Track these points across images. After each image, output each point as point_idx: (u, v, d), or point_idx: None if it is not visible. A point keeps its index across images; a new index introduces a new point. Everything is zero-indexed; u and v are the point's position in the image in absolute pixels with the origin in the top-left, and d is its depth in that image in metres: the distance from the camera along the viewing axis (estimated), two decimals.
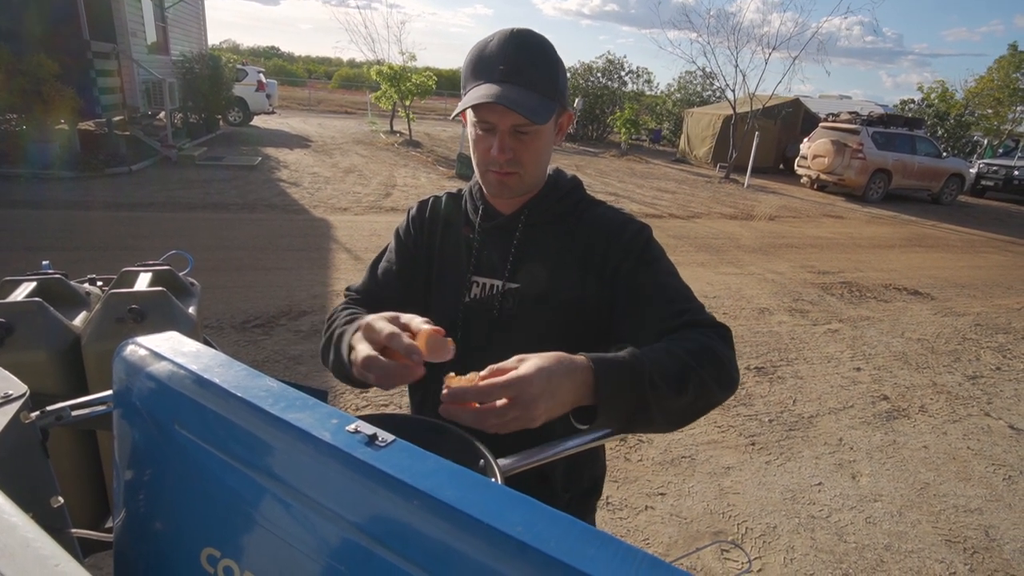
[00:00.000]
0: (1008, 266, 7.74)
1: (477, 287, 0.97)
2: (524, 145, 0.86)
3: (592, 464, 1.07)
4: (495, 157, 0.86)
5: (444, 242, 1.02)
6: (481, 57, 0.84)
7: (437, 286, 1.01)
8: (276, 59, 54.85)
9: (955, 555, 2.31)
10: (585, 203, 0.99)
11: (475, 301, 0.97)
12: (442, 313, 0.98)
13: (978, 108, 20.64)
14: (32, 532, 0.30)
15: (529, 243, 0.96)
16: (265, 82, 15.23)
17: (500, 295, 0.95)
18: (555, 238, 0.96)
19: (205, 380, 0.47)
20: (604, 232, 0.94)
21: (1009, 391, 3.86)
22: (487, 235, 0.98)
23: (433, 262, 1.02)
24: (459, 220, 1.03)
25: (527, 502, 0.36)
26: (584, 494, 1.06)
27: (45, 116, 7.37)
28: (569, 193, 0.99)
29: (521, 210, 0.96)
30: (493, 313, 0.95)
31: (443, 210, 1.05)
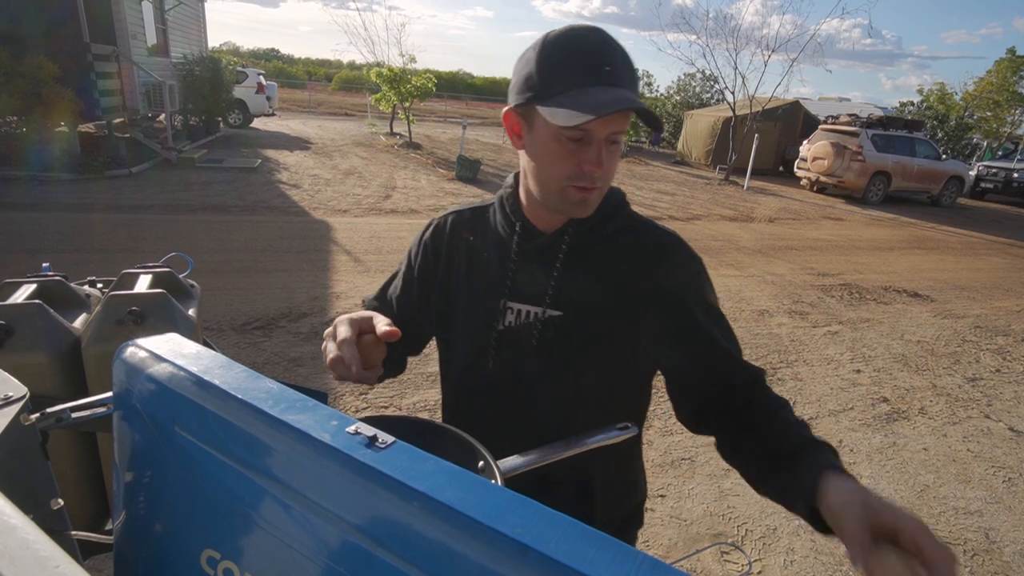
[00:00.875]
0: (1008, 268, 7.74)
1: (512, 313, 0.87)
2: (613, 156, 0.77)
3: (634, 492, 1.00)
4: (589, 171, 0.75)
5: (471, 264, 0.92)
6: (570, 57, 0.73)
7: (464, 312, 0.92)
8: (276, 61, 54.97)
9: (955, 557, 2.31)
10: (632, 221, 0.89)
11: (510, 329, 0.87)
12: (471, 341, 0.90)
13: (977, 111, 20.69)
14: (32, 534, 0.30)
15: (573, 267, 0.85)
16: (265, 84, 15.25)
17: (540, 324, 0.85)
18: (602, 261, 0.85)
19: (205, 382, 0.47)
20: (657, 259, 0.85)
21: (1009, 393, 3.86)
22: (525, 256, 0.87)
23: (458, 287, 0.92)
24: (488, 238, 0.92)
25: (527, 504, 0.36)
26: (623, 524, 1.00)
27: (45, 118, 7.38)
28: (616, 209, 0.88)
29: (564, 228, 0.85)
30: (532, 343, 0.85)
31: (469, 227, 0.94)
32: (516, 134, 0.82)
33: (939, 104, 20.85)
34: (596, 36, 0.74)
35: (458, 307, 0.93)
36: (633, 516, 1.01)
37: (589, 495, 0.92)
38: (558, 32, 0.75)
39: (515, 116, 0.80)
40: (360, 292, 4.47)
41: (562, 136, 0.74)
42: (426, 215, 7.47)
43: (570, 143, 0.75)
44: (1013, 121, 20.77)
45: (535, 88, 0.75)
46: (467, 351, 0.92)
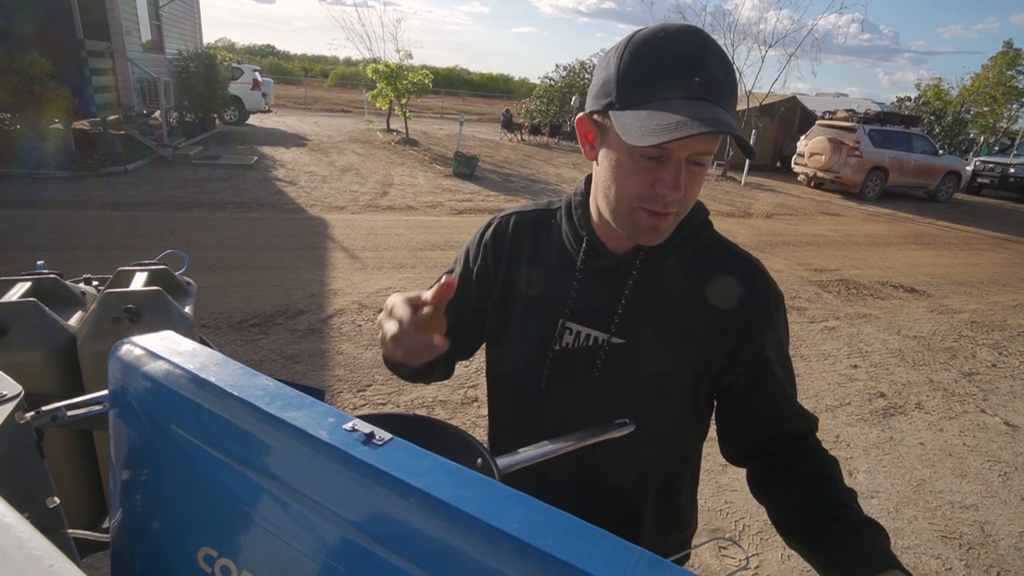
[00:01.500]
0: (1004, 263, 7.77)
1: (571, 335, 0.80)
2: (694, 178, 0.68)
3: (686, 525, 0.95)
4: (663, 193, 0.66)
5: (532, 273, 0.85)
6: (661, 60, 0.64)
7: (519, 324, 0.85)
8: (272, 57, 54.74)
9: (951, 551, 2.32)
10: (715, 246, 0.80)
11: (567, 351, 0.81)
12: (523, 357, 0.84)
13: (974, 106, 20.73)
14: (26, 532, 0.29)
15: (644, 293, 0.78)
16: (261, 80, 15.17)
17: (604, 351, 0.78)
18: (677, 290, 0.78)
19: (201, 379, 0.46)
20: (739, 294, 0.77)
21: (1005, 388, 3.88)
22: (590, 275, 0.80)
23: (516, 294, 0.86)
24: (552, 247, 0.84)
25: (525, 500, 0.36)
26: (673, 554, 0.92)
27: (39, 115, 7.33)
28: (698, 230, 0.79)
29: (636, 251, 0.77)
30: (593, 372, 0.79)
31: (531, 230, 0.87)
32: (589, 143, 0.74)
33: (936, 99, 20.89)
34: (692, 39, 0.63)
35: (514, 317, 0.86)
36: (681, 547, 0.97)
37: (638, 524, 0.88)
38: (648, 32, 0.66)
39: (589, 123, 0.73)
40: (358, 289, 4.46)
41: (636, 152, 0.66)
42: (423, 211, 7.46)
43: (645, 161, 0.67)
44: (1010, 116, 20.83)
45: (612, 95, 0.66)
46: (519, 367, 0.86)
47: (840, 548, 0.68)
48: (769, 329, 0.78)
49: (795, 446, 0.81)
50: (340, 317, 3.93)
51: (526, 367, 0.84)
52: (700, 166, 0.68)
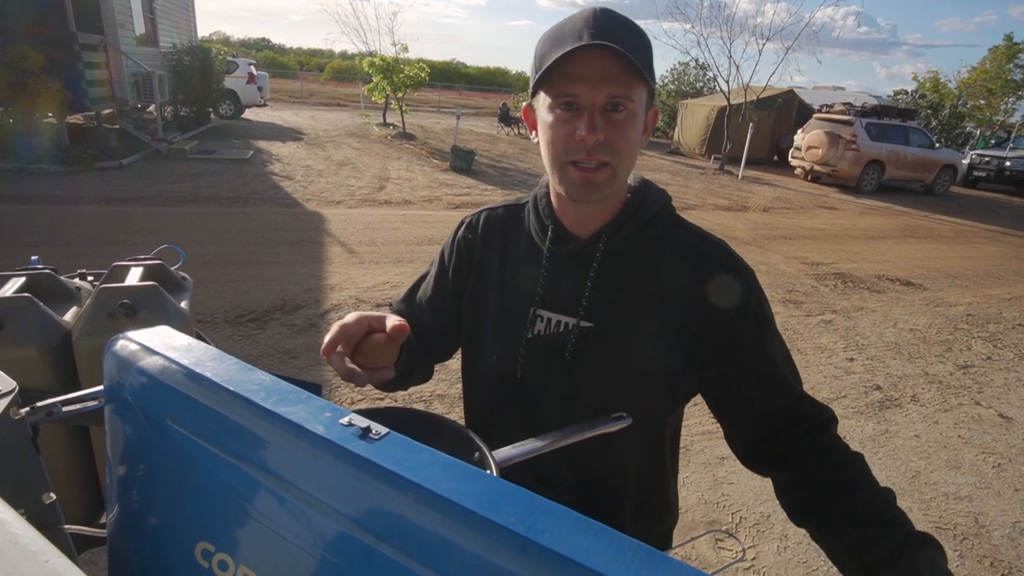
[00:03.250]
0: (1000, 256, 7.80)
1: (542, 322, 0.82)
2: (617, 129, 0.70)
3: (666, 514, 0.95)
4: (581, 140, 0.69)
5: (504, 266, 0.87)
6: (561, 30, 0.70)
7: (494, 317, 0.87)
8: (267, 51, 54.35)
9: (945, 541, 2.34)
10: (677, 228, 0.82)
11: (539, 338, 0.82)
12: (498, 347, 0.86)
13: (971, 99, 20.73)
14: (21, 528, 0.29)
15: (609, 277, 0.79)
16: (256, 74, 15.07)
17: (574, 336, 0.80)
18: (641, 272, 0.79)
19: (197, 374, 0.46)
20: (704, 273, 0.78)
21: (999, 380, 3.90)
22: (557, 263, 0.82)
23: (490, 288, 0.88)
24: (521, 239, 0.87)
25: (522, 494, 0.36)
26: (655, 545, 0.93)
27: (32, 109, 7.27)
28: (659, 214, 0.81)
29: (599, 235, 0.79)
30: (565, 356, 0.80)
31: (501, 225, 0.89)
32: (532, 128, 0.79)
33: (933, 93, 20.88)
34: (588, 9, 0.70)
35: (488, 311, 0.88)
36: (661, 539, 0.97)
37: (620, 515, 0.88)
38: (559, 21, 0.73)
39: (529, 111, 0.79)
40: (355, 283, 4.46)
41: (555, 107, 0.71)
42: (420, 206, 7.44)
43: (563, 112, 0.70)
44: (1006, 109, 20.84)
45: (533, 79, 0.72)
46: (494, 358, 0.87)
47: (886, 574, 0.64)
48: (745, 306, 0.77)
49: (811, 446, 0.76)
50: (337, 312, 3.92)
51: (501, 358, 0.85)
52: (619, 112, 0.70)
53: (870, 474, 0.73)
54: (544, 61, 0.70)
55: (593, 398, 0.81)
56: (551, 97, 0.71)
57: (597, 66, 0.67)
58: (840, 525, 0.70)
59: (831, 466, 0.74)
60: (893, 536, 0.65)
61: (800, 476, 0.76)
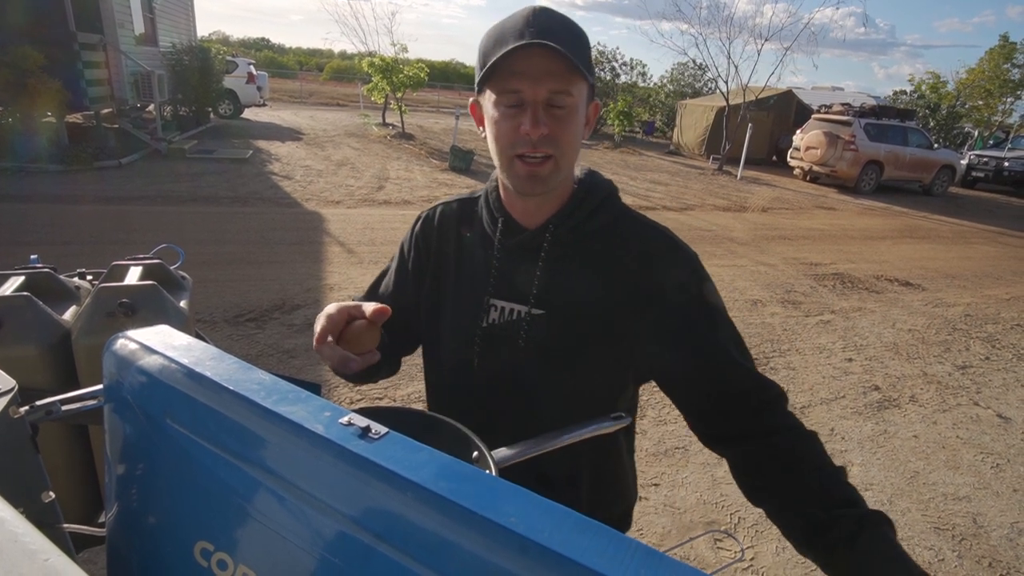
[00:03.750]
0: (998, 257, 7.81)
1: (496, 311, 0.85)
2: (560, 123, 0.73)
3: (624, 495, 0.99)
4: (526, 133, 0.72)
5: (460, 259, 0.90)
6: (503, 29, 0.73)
7: (452, 308, 0.90)
8: (266, 51, 54.31)
9: (944, 542, 2.34)
10: (622, 217, 0.85)
11: (494, 327, 0.85)
12: (455, 338, 0.89)
13: (969, 99, 20.76)
14: (21, 527, 0.29)
15: (557, 265, 0.82)
16: (255, 74, 15.06)
17: (526, 323, 0.82)
18: (587, 259, 0.82)
19: (196, 373, 0.46)
20: (648, 258, 0.81)
21: (998, 380, 3.91)
22: (508, 253, 0.85)
23: (447, 280, 0.91)
24: (475, 231, 0.90)
25: (522, 493, 0.36)
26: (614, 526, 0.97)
27: (31, 109, 7.26)
28: (604, 203, 0.84)
29: (547, 224, 0.82)
30: (518, 343, 0.83)
31: (455, 219, 0.92)
32: (480, 123, 0.82)
33: (931, 93, 20.90)
34: (527, 9, 0.73)
35: (445, 302, 0.91)
36: (621, 520, 0.99)
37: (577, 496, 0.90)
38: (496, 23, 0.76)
39: (476, 106, 0.82)
40: (354, 283, 4.45)
41: (500, 103, 0.74)
42: (419, 206, 7.43)
43: (507, 109, 0.73)
44: (1004, 110, 20.87)
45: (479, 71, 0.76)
46: (451, 348, 0.90)
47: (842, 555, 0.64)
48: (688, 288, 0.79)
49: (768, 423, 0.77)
50: None
51: (458, 347, 0.88)
52: (561, 108, 0.73)
53: (825, 453, 0.75)
54: (488, 58, 0.73)
55: (547, 383, 0.84)
56: (496, 94, 0.74)
57: (538, 63, 0.70)
58: (797, 505, 0.70)
59: (786, 445, 0.75)
60: (850, 516, 0.66)
61: (755, 455, 0.77)
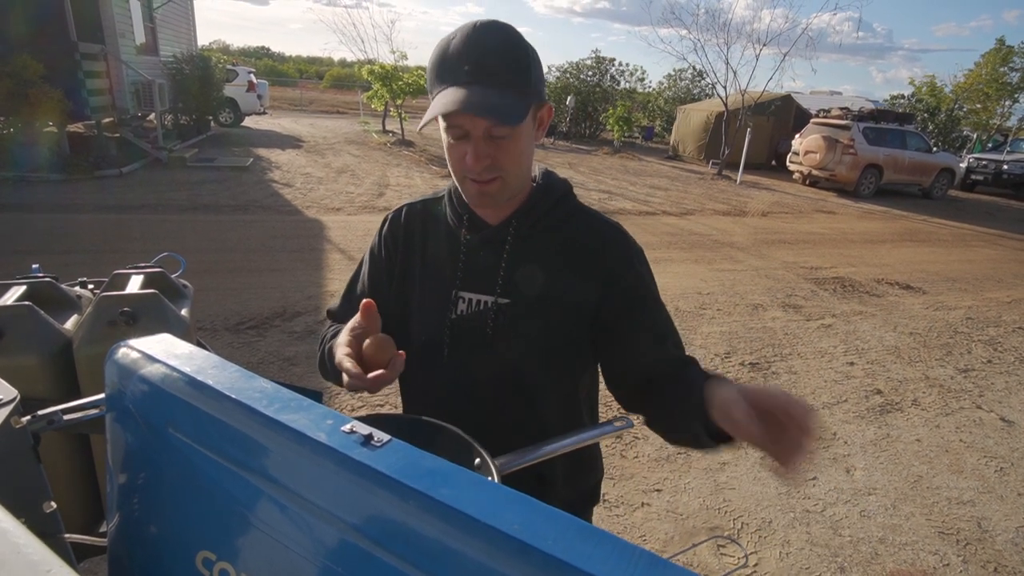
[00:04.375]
0: (999, 260, 7.81)
1: (464, 303, 0.90)
2: (502, 150, 0.79)
3: (592, 469, 1.05)
4: (471, 165, 0.78)
5: (425, 254, 0.95)
6: (444, 58, 0.76)
7: (419, 303, 0.94)
8: (266, 59, 54.59)
9: (948, 547, 2.33)
10: (577, 212, 0.93)
11: (463, 318, 0.90)
12: (425, 331, 0.93)
13: (967, 103, 20.82)
14: (23, 538, 0.29)
15: (520, 256, 0.89)
16: (256, 82, 15.13)
17: (493, 312, 0.88)
18: (547, 251, 0.89)
19: (198, 382, 0.46)
20: (601, 248, 0.90)
21: (1000, 384, 3.90)
22: (473, 248, 0.91)
23: (413, 277, 0.95)
24: (440, 229, 0.95)
25: (524, 500, 0.36)
26: (585, 499, 1.05)
27: (32, 118, 7.29)
28: (560, 201, 0.92)
29: (509, 220, 0.89)
30: (486, 332, 0.89)
31: (420, 219, 0.97)
32: None
33: (930, 97, 20.97)
34: (463, 35, 0.75)
35: (413, 298, 0.95)
36: (591, 494, 1.06)
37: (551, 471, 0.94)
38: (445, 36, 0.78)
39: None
40: None
41: (447, 131, 0.79)
42: None
43: (455, 140, 0.79)
44: (1002, 113, 20.93)
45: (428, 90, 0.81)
46: (421, 340, 0.93)
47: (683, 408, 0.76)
48: (634, 274, 0.90)
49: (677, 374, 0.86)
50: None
51: (428, 340, 0.92)
52: (503, 138, 0.78)
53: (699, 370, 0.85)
54: (432, 87, 0.79)
55: (515, 368, 0.90)
56: (443, 121, 0.79)
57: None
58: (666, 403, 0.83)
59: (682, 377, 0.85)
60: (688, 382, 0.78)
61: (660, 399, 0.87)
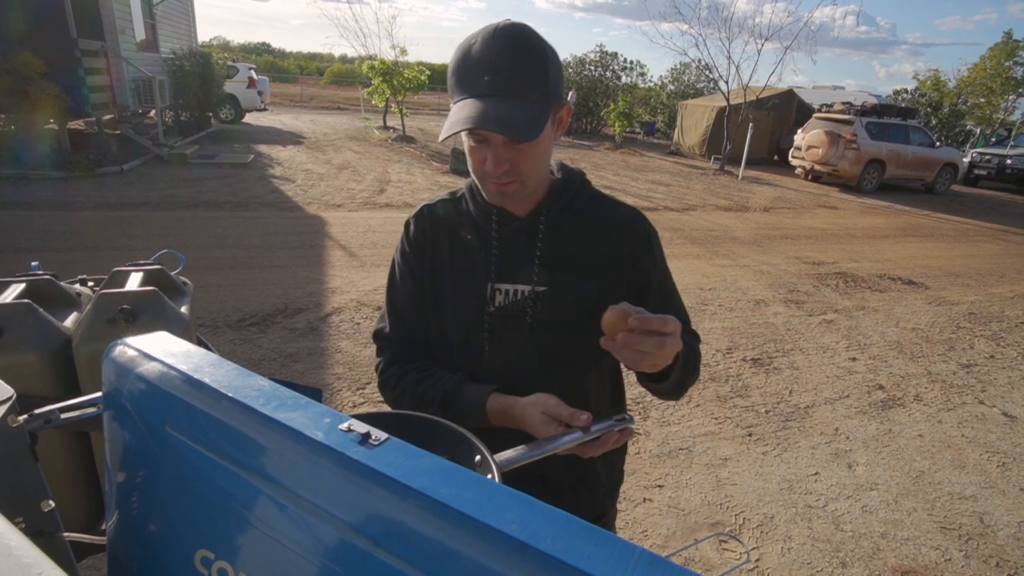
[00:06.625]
0: (1001, 255, 7.78)
1: (501, 295, 0.92)
2: (521, 155, 0.81)
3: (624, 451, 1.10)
4: (490, 170, 0.81)
5: (453, 251, 0.96)
6: (464, 65, 0.78)
7: (452, 299, 0.95)
8: (267, 55, 54.43)
9: (950, 542, 2.33)
10: (597, 197, 0.97)
11: (501, 310, 0.92)
12: (463, 327, 0.94)
13: (971, 97, 20.72)
14: (15, 539, 0.29)
15: (553, 243, 0.92)
16: (256, 79, 15.11)
17: (532, 300, 0.91)
18: (577, 235, 0.93)
19: (195, 380, 0.46)
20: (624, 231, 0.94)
21: (1003, 379, 3.89)
22: (506, 239, 0.92)
23: (442, 275, 0.96)
24: (465, 225, 0.96)
25: (523, 500, 0.36)
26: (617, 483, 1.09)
27: (33, 115, 7.29)
28: (581, 188, 0.95)
29: (539, 210, 0.92)
30: (526, 320, 0.91)
31: (443, 218, 0.98)
32: None
33: (933, 91, 20.86)
34: (483, 41, 0.76)
35: (445, 296, 0.96)
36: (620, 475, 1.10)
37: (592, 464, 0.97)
38: (465, 38, 0.79)
39: None
40: (356, 287, 4.45)
41: (469, 137, 0.82)
42: None
43: (476, 144, 0.82)
44: (1006, 107, 20.83)
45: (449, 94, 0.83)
46: (460, 337, 0.94)
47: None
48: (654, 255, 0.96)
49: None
50: (338, 315, 3.92)
51: (467, 335, 0.94)
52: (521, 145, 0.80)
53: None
54: (452, 98, 0.81)
55: (558, 353, 0.93)
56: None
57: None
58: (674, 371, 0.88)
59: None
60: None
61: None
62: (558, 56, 0.83)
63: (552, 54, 0.81)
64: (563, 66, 0.87)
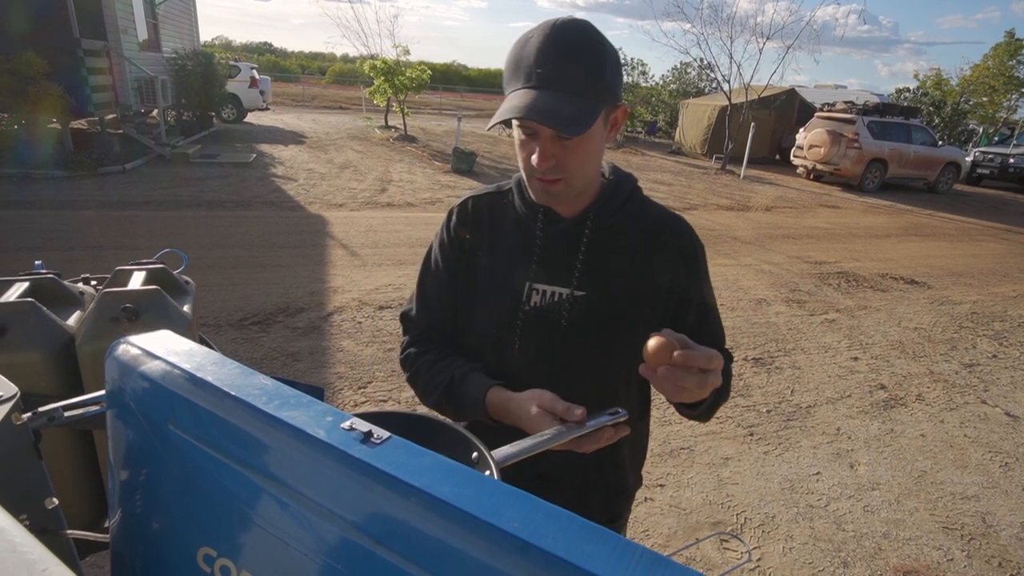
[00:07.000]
0: (1004, 254, 7.76)
1: (537, 294, 0.90)
2: (569, 151, 0.79)
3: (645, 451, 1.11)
4: (537, 165, 0.79)
5: (494, 245, 0.94)
6: (520, 57, 0.77)
7: (486, 294, 0.94)
8: (269, 55, 54.51)
9: (952, 542, 2.32)
10: (647, 206, 0.94)
11: (536, 309, 0.90)
12: (495, 322, 0.93)
13: (973, 96, 20.67)
14: (20, 536, 0.29)
15: (597, 249, 0.90)
16: (258, 78, 15.11)
17: (569, 303, 0.89)
18: (622, 243, 0.91)
19: (198, 379, 0.46)
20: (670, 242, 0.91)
21: (1005, 379, 3.88)
22: (550, 239, 0.91)
23: (480, 269, 0.95)
24: (508, 221, 0.95)
25: (525, 498, 0.36)
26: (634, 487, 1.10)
27: (35, 115, 7.31)
28: (632, 195, 0.93)
29: (586, 213, 0.90)
30: (560, 323, 0.89)
31: (487, 210, 0.97)
32: None
33: (935, 90, 20.81)
34: (540, 34, 0.75)
35: (481, 288, 0.95)
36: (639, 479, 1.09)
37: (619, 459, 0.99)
38: (525, 32, 0.78)
39: None
40: (357, 286, 4.46)
41: (519, 130, 0.81)
42: (422, 208, 7.44)
43: (526, 138, 0.80)
44: (1009, 106, 20.77)
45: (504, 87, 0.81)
46: (492, 333, 0.93)
47: None
48: (699, 269, 0.94)
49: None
50: (340, 314, 3.93)
51: (499, 332, 0.92)
52: (570, 139, 0.78)
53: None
54: (507, 85, 0.80)
55: (589, 358, 0.91)
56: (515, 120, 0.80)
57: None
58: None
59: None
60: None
61: None
62: (618, 56, 0.81)
63: (611, 52, 0.78)
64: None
